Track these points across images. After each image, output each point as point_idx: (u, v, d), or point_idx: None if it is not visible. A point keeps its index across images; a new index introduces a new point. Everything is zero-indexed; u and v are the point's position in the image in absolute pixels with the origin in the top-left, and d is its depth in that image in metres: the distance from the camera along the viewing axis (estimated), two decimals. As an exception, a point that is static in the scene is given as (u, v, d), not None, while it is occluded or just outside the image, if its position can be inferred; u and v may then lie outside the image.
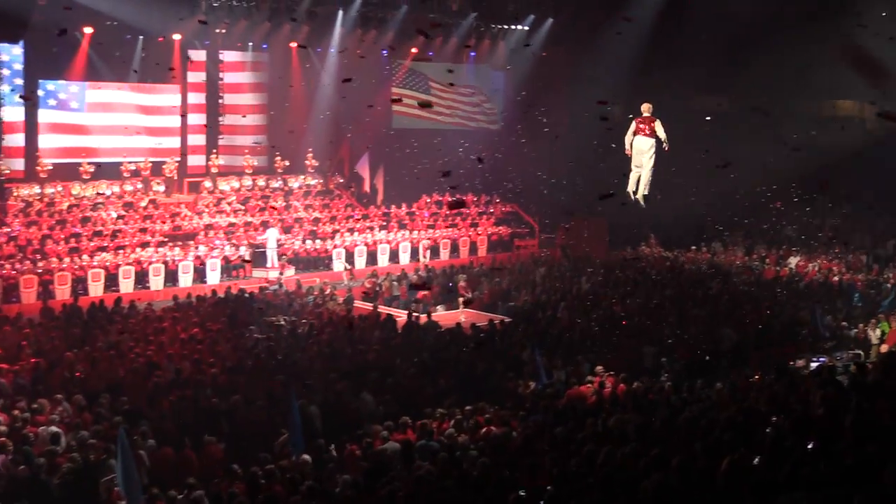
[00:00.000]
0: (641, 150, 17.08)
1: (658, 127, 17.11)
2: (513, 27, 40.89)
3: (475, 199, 38.50)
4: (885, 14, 34.00)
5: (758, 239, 35.94)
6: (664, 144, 17.15)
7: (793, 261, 32.46)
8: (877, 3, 34.11)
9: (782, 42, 34.98)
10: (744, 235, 36.55)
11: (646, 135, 17.09)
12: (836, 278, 29.56)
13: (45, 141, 32.02)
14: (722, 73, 37.43)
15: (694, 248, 35.14)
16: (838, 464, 8.66)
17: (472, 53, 41.27)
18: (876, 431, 9.57)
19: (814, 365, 18.95)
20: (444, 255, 34.10)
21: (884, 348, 22.02)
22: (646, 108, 17.36)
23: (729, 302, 25.88)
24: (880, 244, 33.00)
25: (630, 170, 17.54)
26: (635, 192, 17.53)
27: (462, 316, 26.00)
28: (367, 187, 37.88)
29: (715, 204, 36.35)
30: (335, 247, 31.97)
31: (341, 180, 38.06)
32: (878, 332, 23.35)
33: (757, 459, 9.47)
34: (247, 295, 25.88)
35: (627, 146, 17.35)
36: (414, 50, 39.14)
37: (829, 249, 33.28)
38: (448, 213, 36.14)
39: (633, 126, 17.30)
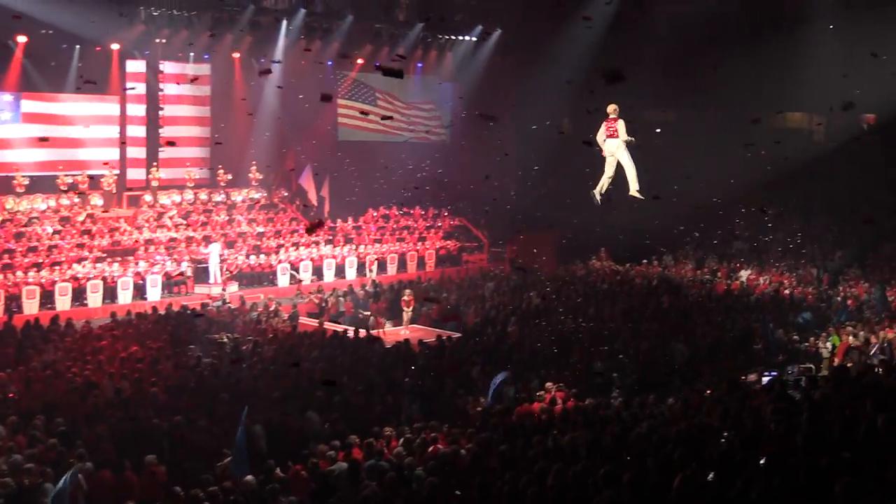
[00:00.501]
0: (611, 151, 17.27)
1: (621, 127, 17.30)
2: (460, 38, 41.08)
3: (423, 212, 38.53)
4: (833, 27, 34.63)
5: (709, 252, 36.30)
6: (625, 142, 17.33)
7: (744, 274, 32.83)
8: (824, 15, 34.73)
9: (731, 55, 35.43)
10: (694, 248, 36.89)
11: (615, 136, 17.29)
12: (786, 292, 29.94)
13: (-23, 154, 31.59)
14: (671, 86, 37.83)
15: (645, 261, 35.41)
16: (791, 479, 8.74)
17: (420, 65, 41.40)
18: (827, 446, 9.68)
19: (765, 379, 19.15)
20: (392, 269, 34.05)
21: (834, 361, 22.35)
22: (612, 110, 17.55)
23: (680, 316, 26.11)
24: (829, 256, 33.47)
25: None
26: (602, 193, 17.69)
27: (407, 331, 26.08)
28: (312, 200, 37.72)
29: (665, 218, 36.74)
30: (280, 262, 31.82)
31: (286, 194, 37.88)
32: (828, 345, 23.68)
33: (710, 475, 9.53)
34: (189, 312, 25.64)
35: (601, 143, 17.54)
36: (360, 61, 39.14)
37: (779, 262, 33.69)
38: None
39: (602, 128, 17.47)
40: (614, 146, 17.23)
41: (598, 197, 17.75)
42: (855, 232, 34.57)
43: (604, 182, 17.56)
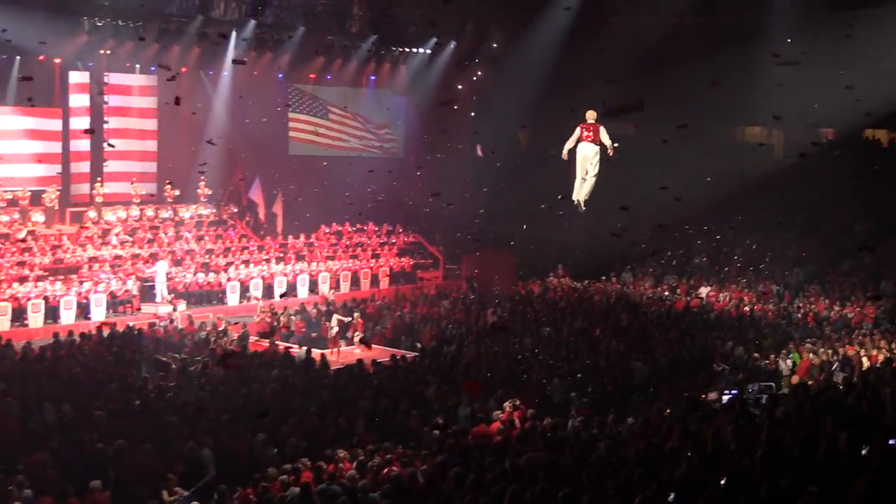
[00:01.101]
0: (587, 157, 17.40)
1: (602, 133, 17.43)
2: (414, 51, 41.14)
3: (377, 229, 38.51)
4: (791, 40, 35.07)
5: (668, 269, 36.57)
6: (608, 150, 17.49)
7: (703, 291, 33.09)
8: (784, 29, 35.18)
9: (690, 68, 35.80)
10: (653, 265, 37.15)
11: (591, 141, 17.39)
12: (746, 308, 30.21)
13: None
14: (630, 99, 38.15)
15: (603, 278, 35.58)
16: (752, 499, 8.82)
17: (372, 78, 41.43)
18: (788, 465, 9.78)
19: (726, 398, 19.32)
20: (345, 287, 33.95)
21: (795, 379, 22.59)
22: (590, 115, 17.71)
23: (639, 334, 26.27)
24: (789, 272, 33.84)
25: (575, 178, 17.86)
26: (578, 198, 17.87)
27: (356, 351, 26.05)
28: (262, 216, 37.58)
29: (623, 233, 36.97)
30: (229, 280, 31.63)
31: (235, 210, 37.67)
32: (789, 362, 23.93)
33: (671, 497, 9.59)
34: (135, 332, 25.39)
35: (565, 153, 17.62)
36: (311, 75, 39.12)
37: (739, 279, 34.00)
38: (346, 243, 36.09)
39: (577, 132, 17.57)
40: (591, 151, 17.35)
41: (581, 204, 17.95)
42: (815, 248, 35.01)
43: (579, 186, 17.72)
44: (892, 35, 30.52)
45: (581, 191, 17.92)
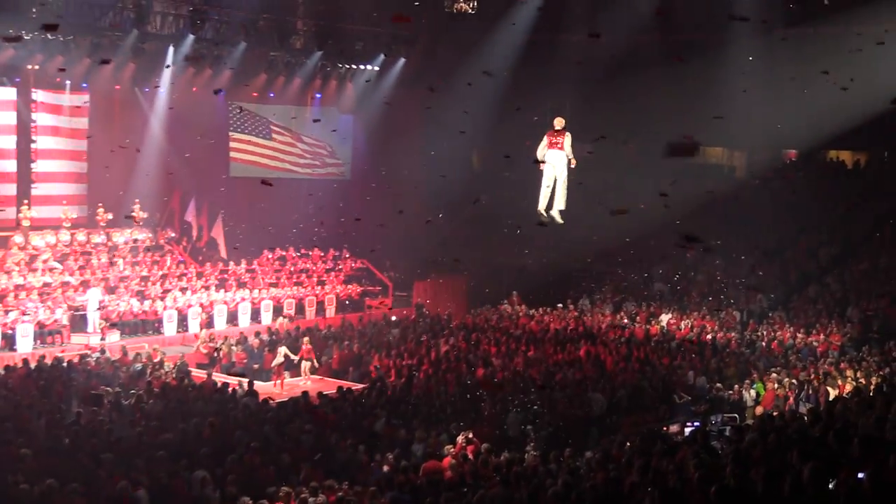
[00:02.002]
0: (554, 165, 17.53)
1: (566, 141, 17.61)
2: (361, 67, 41.17)
3: (322, 254, 38.41)
4: (752, 58, 35.60)
5: (627, 295, 36.76)
6: (570, 160, 17.66)
7: (664, 318, 33.29)
8: (744, 47, 35.69)
9: (648, 87, 36.18)
10: (612, 291, 37.34)
11: (559, 148, 17.58)
12: (709, 336, 30.42)
13: None
14: (586, 117, 38.45)
15: (560, 305, 35.68)
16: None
17: (318, 95, 41.42)
18: (751, 499, 9.83)
19: (688, 430, 19.43)
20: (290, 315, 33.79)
21: (759, 410, 22.77)
22: (558, 122, 17.90)
23: (597, 364, 26.36)
24: (752, 299, 34.14)
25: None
26: (548, 210, 17.98)
27: (308, 382, 25.92)
28: (204, 241, 37.28)
29: (581, 258, 37.25)
30: (165, 308, 31.35)
31: (173, 234, 37.38)
32: (752, 392, 24.13)
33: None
34: (64, 364, 25.07)
35: (540, 157, 17.79)
36: (253, 93, 39.01)
37: (701, 306, 34.25)
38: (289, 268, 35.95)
39: (545, 140, 17.74)
40: (557, 159, 17.54)
41: (545, 215, 18.08)
42: (778, 273, 35.37)
43: (545, 197, 17.89)
44: (853, 53, 31.03)
45: (546, 200, 18.06)
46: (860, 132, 35.47)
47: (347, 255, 38.96)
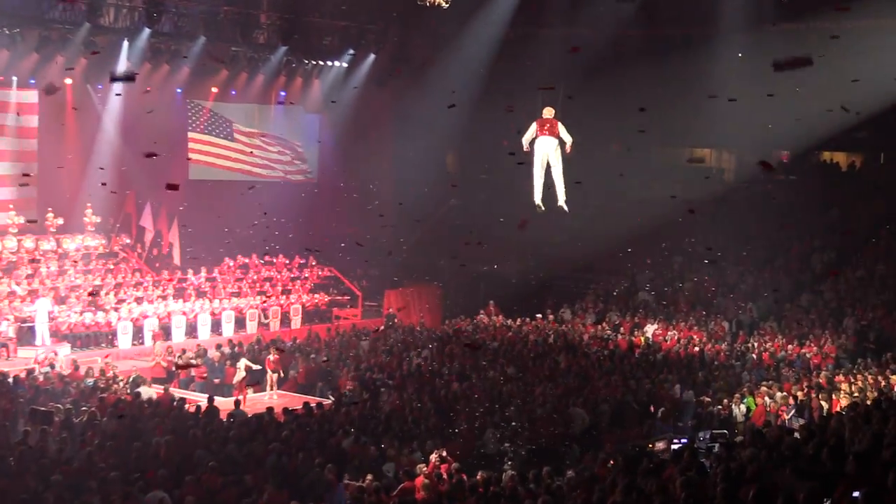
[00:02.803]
0: (545, 151, 17.75)
1: (561, 128, 17.82)
2: (329, 64, 41.07)
3: (287, 262, 38.32)
4: (741, 55, 35.75)
5: (611, 304, 36.83)
6: (567, 146, 17.82)
7: (649, 329, 33.36)
8: (733, 43, 35.83)
9: (631, 85, 36.26)
10: (594, 300, 37.40)
11: (551, 134, 17.78)
12: (696, 348, 30.50)
13: None
14: (567, 117, 38.48)
15: (539, 315, 35.72)
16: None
17: (283, 94, 41.30)
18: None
19: (675, 447, 19.45)
20: (252, 327, 33.70)
21: (749, 426, 22.81)
22: (548, 112, 18.13)
23: (579, 377, 26.39)
24: (742, 309, 34.24)
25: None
26: (548, 200, 18.26)
27: (274, 397, 25.86)
28: (164, 247, 37.08)
29: (561, 265, 37.31)
30: (120, 319, 31.20)
31: (128, 241, 37.19)
32: (743, 407, 24.19)
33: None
34: (10, 380, 24.90)
35: (525, 145, 17.94)
36: (214, 89, 38.88)
37: (689, 316, 34.32)
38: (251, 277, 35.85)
39: (533, 127, 17.91)
40: (549, 145, 17.74)
41: (541, 206, 18.31)
42: (770, 281, 35.46)
43: (539, 186, 18.14)
44: (848, 50, 31.22)
45: (540, 190, 18.34)
46: (856, 133, 35.67)
47: (314, 263, 38.88)
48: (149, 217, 36.73)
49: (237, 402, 23.86)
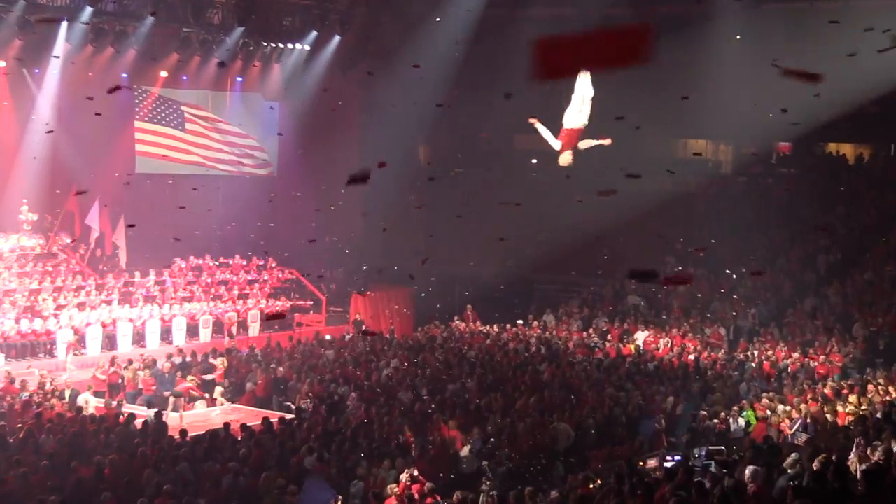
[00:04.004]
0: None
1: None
2: (290, 46, 40.95)
3: (245, 263, 38.23)
4: (739, 36, 35.87)
5: (598, 310, 36.88)
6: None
7: (640, 337, 33.43)
8: (730, 24, 35.92)
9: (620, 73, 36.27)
10: (580, 305, 37.44)
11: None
12: (691, 357, 30.58)
13: None
14: (549, 106, 38.51)
15: (520, 321, 35.75)
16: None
17: (239, 79, 41.15)
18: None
19: (668, 465, 19.50)
20: (205, 335, 33.59)
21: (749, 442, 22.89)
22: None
23: (563, 389, 26.42)
24: (741, 314, 34.31)
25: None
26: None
27: (217, 410, 25.90)
28: (108, 248, 36.91)
29: (544, 265, 37.35)
30: (60, 327, 31.05)
31: (69, 240, 37.00)
32: (742, 421, 24.25)
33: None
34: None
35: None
36: (164, 74, 38.71)
37: (682, 322, 34.38)
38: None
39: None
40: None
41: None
42: (770, 284, 35.57)
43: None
44: (856, 29, 31.29)
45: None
46: (863, 122, 35.83)
47: (274, 265, 38.79)
48: (95, 215, 36.48)
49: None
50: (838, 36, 30.75)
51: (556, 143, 19.01)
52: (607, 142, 19.36)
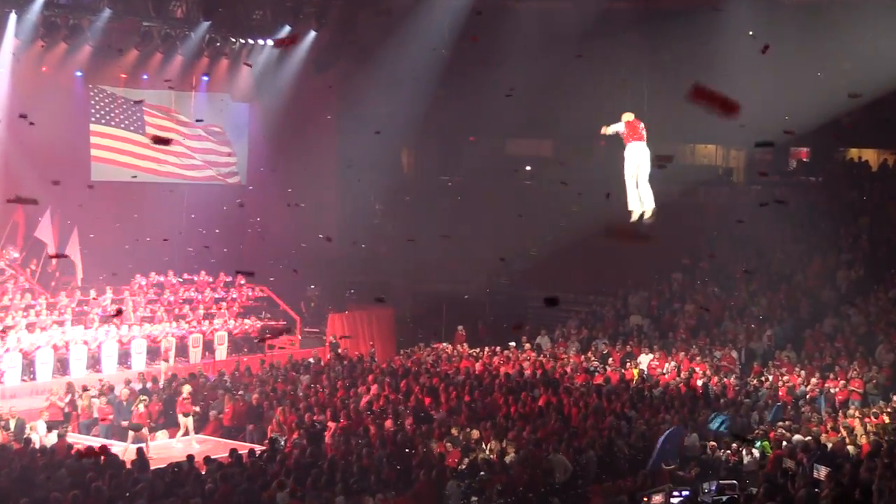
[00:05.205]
0: (638, 157, 19.01)
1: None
2: (261, 43, 40.88)
3: (211, 280, 38.14)
4: (752, 32, 35.93)
5: (597, 330, 36.84)
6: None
7: (643, 360, 33.41)
8: (742, 18, 35.96)
9: (620, 68, 36.32)
10: (578, 326, 37.41)
11: (639, 139, 18.98)
12: (700, 382, 30.57)
13: None
14: (544, 107, 38.53)
15: (512, 344, 35.69)
16: None
17: (205, 78, 41.06)
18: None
19: (675, 501, 19.50)
20: (168, 358, 33.49)
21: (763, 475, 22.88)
22: (627, 116, 19.33)
23: (560, 418, 26.40)
24: (755, 336, 34.27)
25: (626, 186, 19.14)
26: (641, 213, 19.28)
27: (194, 443, 25.72)
28: (55, 263, 36.79)
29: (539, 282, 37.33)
30: (6, 350, 30.93)
31: (16, 255, 36.89)
32: (756, 452, 24.22)
33: None
34: None
35: (606, 131, 19.03)
36: (122, 74, 38.59)
37: (690, 344, 34.33)
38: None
39: (622, 126, 18.91)
40: (641, 152, 18.92)
41: (648, 213, 19.31)
42: (787, 303, 35.57)
43: (633, 194, 19.25)
44: (876, 26, 31.41)
45: (634, 199, 19.40)
46: (887, 125, 35.86)
47: (243, 282, 38.70)
48: (47, 226, 36.31)
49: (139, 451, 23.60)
50: (859, 31, 30.88)
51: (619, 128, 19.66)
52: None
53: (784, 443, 24.18)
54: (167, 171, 40.13)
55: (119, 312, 32.22)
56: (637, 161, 19.45)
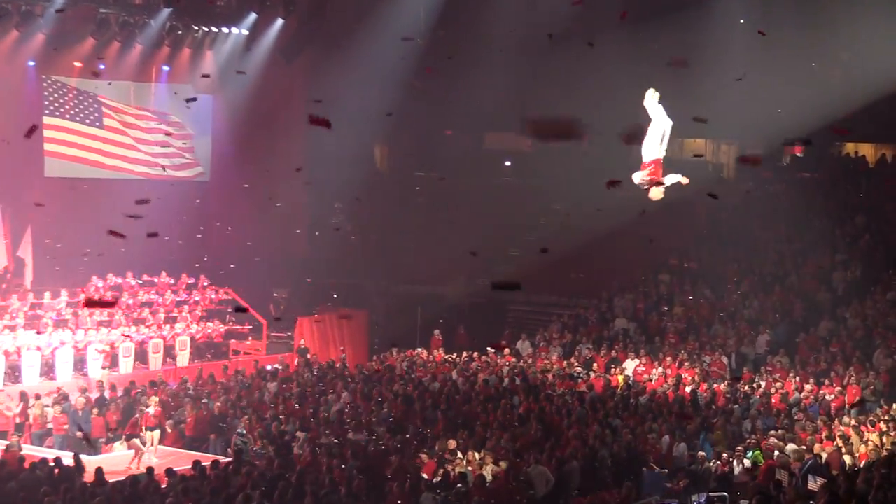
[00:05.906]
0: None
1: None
2: (225, 31, 40.79)
3: (172, 282, 38.05)
4: (743, 21, 36.05)
5: (580, 335, 36.87)
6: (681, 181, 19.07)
7: (629, 366, 33.46)
8: (732, 7, 36.05)
9: (606, 59, 36.36)
10: (560, 330, 37.44)
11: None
12: (688, 389, 30.63)
13: None
14: (524, 100, 38.55)
15: (491, 349, 35.70)
16: None
17: (165, 68, 40.97)
18: None
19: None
20: (126, 365, 33.40)
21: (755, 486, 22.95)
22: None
23: (541, 426, 26.43)
24: (748, 341, 34.33)
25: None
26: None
27: (153, 458, 25.66)
28: (7, 264, 36.70)
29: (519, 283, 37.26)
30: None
31: (-36, 257, 36.84)
32: (747, 462, 24.29)
33: None
34: None
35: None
36: (77, 63, 38.45)
37: (679, 349, 34.40)
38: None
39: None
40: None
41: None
42: (780, 305, 35.66)
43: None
44: (875, 14, 31.47)
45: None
46: (885, 119, 35.96)
47: (206, 283, 38.63)
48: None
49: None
50: (858, 22, 30.93)
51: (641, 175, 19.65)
52: (685, 181, 19.89)
53: (776, 452, 24.27)
54: (126, 167, 40.01)
55: (114, 302, 32.08)
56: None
